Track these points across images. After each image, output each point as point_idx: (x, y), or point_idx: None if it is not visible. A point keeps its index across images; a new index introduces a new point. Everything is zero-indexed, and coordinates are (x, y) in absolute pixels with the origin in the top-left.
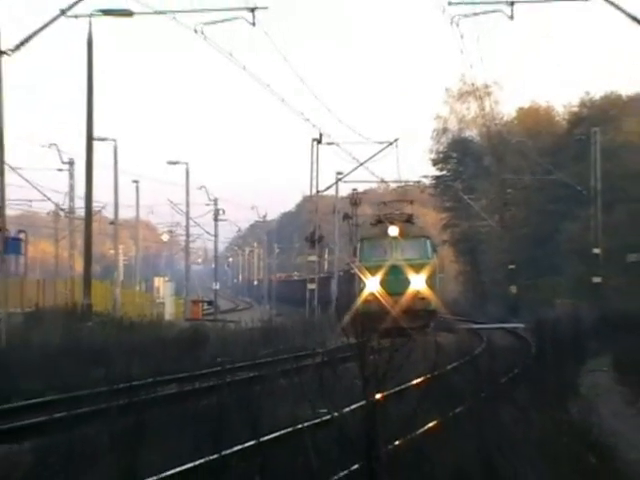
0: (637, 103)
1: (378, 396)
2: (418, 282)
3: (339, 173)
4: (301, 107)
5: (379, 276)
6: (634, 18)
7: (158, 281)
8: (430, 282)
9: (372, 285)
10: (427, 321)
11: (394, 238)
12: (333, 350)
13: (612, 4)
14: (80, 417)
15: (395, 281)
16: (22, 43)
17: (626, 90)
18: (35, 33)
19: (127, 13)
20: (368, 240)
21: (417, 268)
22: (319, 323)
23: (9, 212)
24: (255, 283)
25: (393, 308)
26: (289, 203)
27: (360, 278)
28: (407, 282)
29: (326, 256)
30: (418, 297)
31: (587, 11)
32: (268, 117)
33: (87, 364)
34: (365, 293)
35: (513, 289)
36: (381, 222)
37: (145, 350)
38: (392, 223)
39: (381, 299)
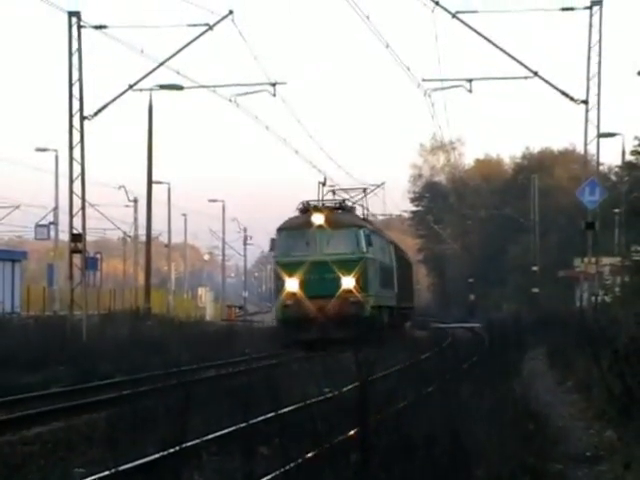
0: (565, 156)
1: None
2: (349, 283)
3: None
4: (310, 156)
5: (300, 275)
6: (563, 93)
7: (201, 290)
8: (364, 283)
9: (292, 286)
10: (361, 331)
11: (319, 228)
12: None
13: (547, 82)
14: (142, 393)
15: (320, 281)
16: (99, 110)
17: (557, 146)
18: (109, 102)
19: (178, 87)
20: (287, 231)
21: (348, 265)
22: None
23: (89, 238)
24: None
25: (318, 315)
26: None
27: (278, 278)
28: (335, 283)
29: None
30: (349, 301)
31: (528, 86)
32: (284, 166)
33: (148, 353)
34: (283, 296)
35: (471, 297)
36: (308, 210)
37: (191, 343)
38: (318, 210)
39: (303, 304)
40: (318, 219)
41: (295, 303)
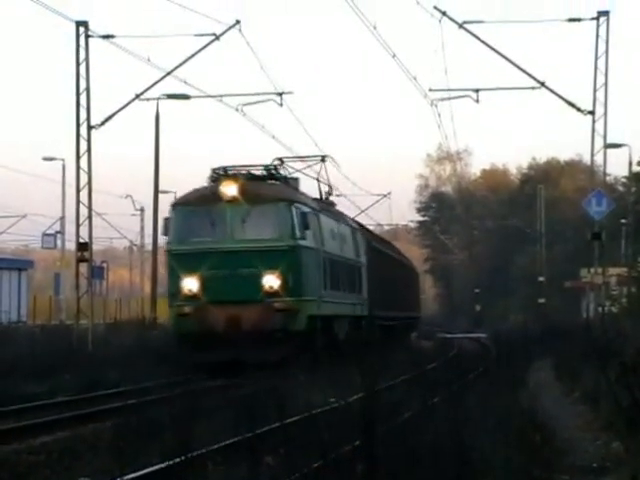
0: (572, 167)
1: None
2: (273, 282)
3: None
4: (316, 166)
5: (203, 272)
6: (570, 103)
7: None
8: (297, 282)
9: (190, 288)
10: (291, 351)
11: (231, 203)
12: None
13: (554, 93)
14: (148, 402)
15: (232, 281)
16: (106, 119)
17: (564, 156)
18: (116, 112)
19: (185, 97)
20: (184, 207)
21: (273, 257)
22: None
23: (95, 247)
24: None
25: (229, 329)
26: None
27: (172, 275)
28: (254, 283)
29: None
30: (273, 309)
31: (535, 96)
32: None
33: (153, 362)
34: (178, 302)
35: (477, 307)
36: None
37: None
38: (230, 178)
39: (207, 313)
40: (229, 190)
41: (195, 312)
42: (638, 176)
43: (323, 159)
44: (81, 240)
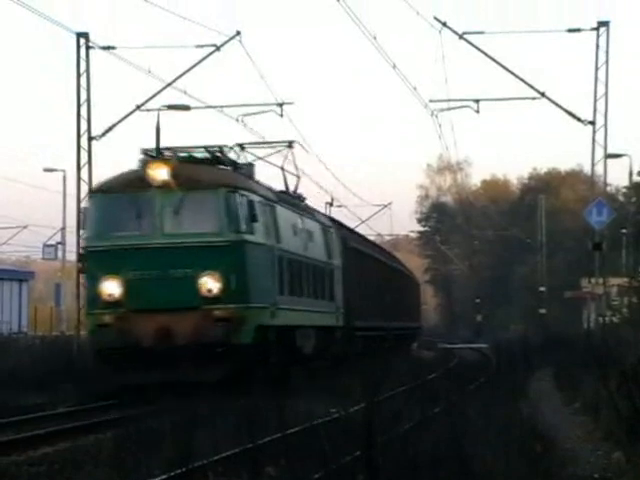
0: (572, 177)
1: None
2: (212, 286)
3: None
4: (316, 177)
5: (126, 273)
6: (570, 113)
7: None
8: (242, 286)
9: (110, 292)
10: (235, 369)
11: (161, 190)
12: None
13: (555, 103)
14: (149, 413)
15: (161, 284)
16: (107, 130)
17: (564, 166)
18: (117, 123)
19: (186, 107)
20: (104, 195)
21: (211, 255)
22: None
23: None
24: None
25: (158, 342)
26: None
27: (90, 276)
28: (188, 286)
29: None
30: (212, 318)
31: (536, 107)
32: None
33: None
34: (97, 310)
35: (478, 317)
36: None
37: None
38: (160, 161)
39: (131, 323)
40: (159, 173)
41: (117, 322)
42: (639, 186)
43: (290, 145)
44: (82, 251)
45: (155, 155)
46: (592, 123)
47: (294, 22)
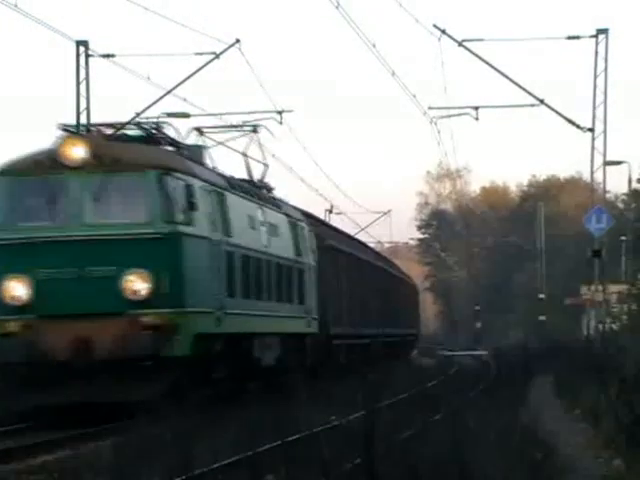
0: (571, 184)
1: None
2: (140, 287)
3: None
4: (316, 185)
5: (35, 271)
6: (569, 120)
7: None
8: (177, 287)
9: (16, 294)
10: (168, 387)
11: (77, 172)
12: None
13: (554, 110)
14: (148, 421)
15: (78, 284)
16: (106, 139)
17: (563, 173)
18: (116, 131)
19: (185, 115)
20: (8, 179)
21: (139, 250)
22: None
23: None
24: None
25: (74, 355)
26: None
27: None
28: (110, 287)
29: None
30: (139, 326)
31: (535, 114)
32: (290, 194)
33: None
34: (0, 314)
35: (478, 324)
36: None
37: None
38: (79, 137)
39: (42, 332)
40: (75, 152)
41: (23, 330)
42: (638, 193)
43: (255, 129)
44: None
45: (75, 131)
46: (591, 130)
47: (293, 30)
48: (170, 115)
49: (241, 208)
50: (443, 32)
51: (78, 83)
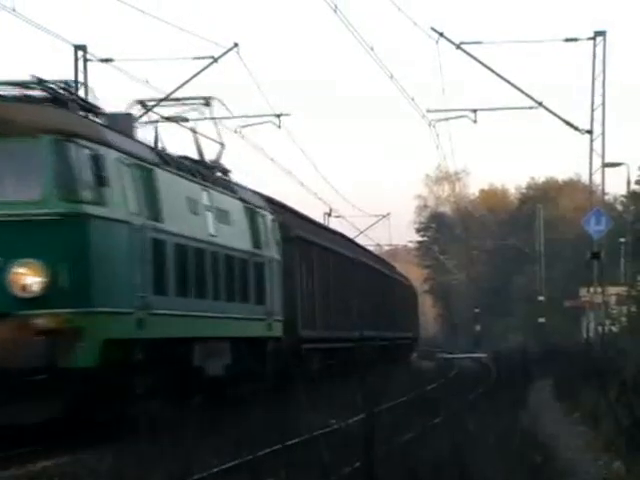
0: (570, 186)
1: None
2: (30, 281)
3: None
4: (315, 188)
5: None
6: (568, 123)
7: None
8: (81, 281)
9: None
10: (68, 406)
11: None
12: None
13: (552, 112)
14: (148, 425)
15: None
16: None
17: (562, 176)
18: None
19: (184, 119)
20: None
21: (32, 235)
22: None
23: None
24: None
25: None
26: None
27: None
28: None
29: None
30: (31, 330)
31: (533, 116)
32: (289, 197)
33: None
34: None
35: (477, 327)
36: None
37: None
38: None
39: None
40: None
41: None
42: (636, 195)
43: (207, 102)
44: None
45: None
46: (589, 132)
47: (292, 33)
48: (168, 119)
49: (177, 189)
50: (441, 35)
51: (76, 88)
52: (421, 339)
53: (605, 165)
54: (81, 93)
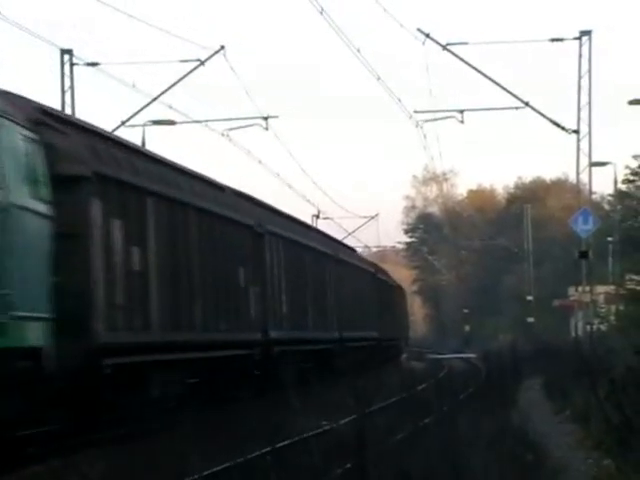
0: (558, 185)
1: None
2: None
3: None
4: (303, 190)
5: None
6: (554, 122)
7: None
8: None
9: None
10: None
11: None
12: None
13: (539, 112)
14: (141, 430)
15: None
16: None
17: (549, 175)
18: None
19: (171, 122)
20: None
21: None
22: None
23: None
24: None
25: None
26: None
27: None
28: None
29: None
30: None
31: (520, 116)
32: (277, 199)
33: None
34: None
35: (467, 327)
36: None
37: None
38: None
39: None
40: None
41: None
42: (623, 194)
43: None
44: None
45: None
46: (576, 132)
47: (278, 36)
48: (156, 123)
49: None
50: (427, 36)
51: (63, 92)
52: (410, 340)
53: (592, 164)
54: (67, 97)
